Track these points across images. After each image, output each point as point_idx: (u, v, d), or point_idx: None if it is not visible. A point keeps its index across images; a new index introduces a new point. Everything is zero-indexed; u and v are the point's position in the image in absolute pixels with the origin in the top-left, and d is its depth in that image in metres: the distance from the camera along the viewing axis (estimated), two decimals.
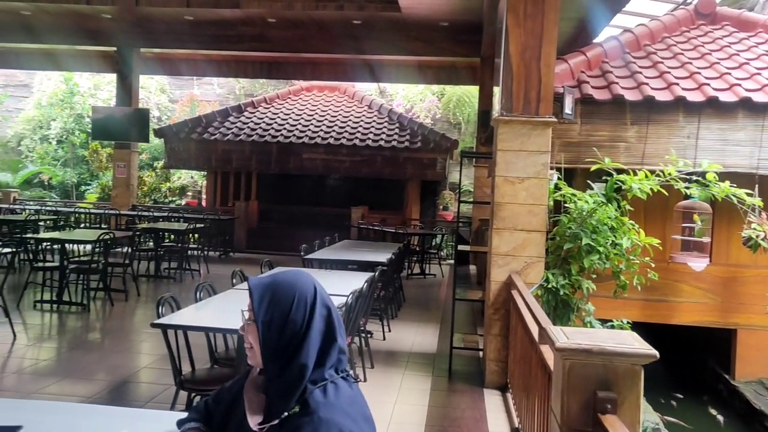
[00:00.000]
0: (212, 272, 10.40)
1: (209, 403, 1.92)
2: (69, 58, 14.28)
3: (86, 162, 17.74)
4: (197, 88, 18.93)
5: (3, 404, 2.16)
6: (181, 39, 12.61)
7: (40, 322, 6.96)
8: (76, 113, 17.94)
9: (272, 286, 1.69)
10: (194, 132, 13.94)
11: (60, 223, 11.70)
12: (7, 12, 11.95)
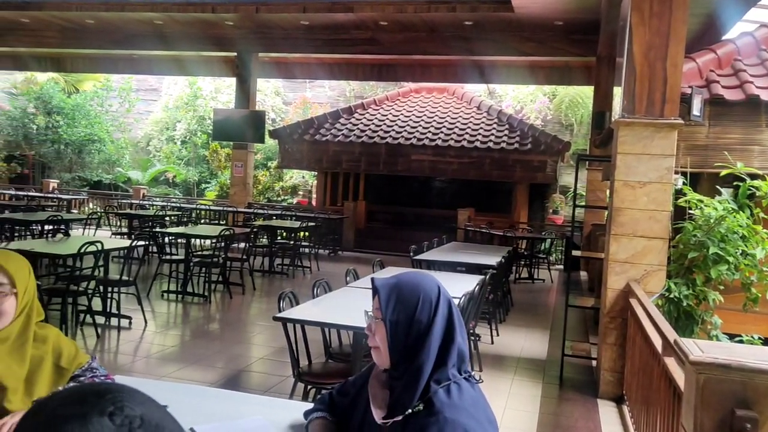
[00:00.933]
0: (322, 269, 10.71)
1: (334, 395, 2.00)
2: (194, 63, 15.21)
3: (206, 161, 18.82)
4: (309, 90, 19.57)
5: (148, 386, 2.34)
6: (296, 44, 13.09)
7: (166, 311, 7.46)
8: (199, 115, 19.09)
9: (398, 287, 1.73)
10: (306, 133, 14.41)
11: (183, 219, 12.48)
12: (143, 22, 12.89)
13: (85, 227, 11.36)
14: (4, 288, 1.86)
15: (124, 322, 6.42)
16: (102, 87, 19.36)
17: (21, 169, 18.41)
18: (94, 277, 6.20)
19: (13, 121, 17.69)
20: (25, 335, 1.93)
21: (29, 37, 14.27)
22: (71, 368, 2.05)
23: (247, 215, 13.11)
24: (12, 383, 1.89)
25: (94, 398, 0.70)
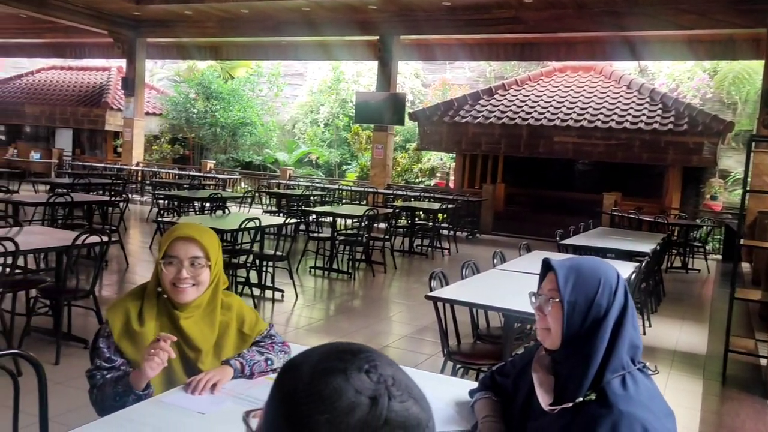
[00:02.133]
0: (460, 251, 10.71)
1: (495, 375, 1.99)
2: (338, 48, 15.68)
3: (348, 143, 19.40)
4: (449, 72, 19.48)
5: None
6: (437, 25, 13.07)
7: (313, 286, 7.82)
8: (341, 99, 19.68)
9: (576, 269, 1.68)
10: (446, 115, 14.39)
11: (326, 199, 12.99)
12: (292, 10, 13.47)
13: (240, 205, 12.16)
14: (201, 261, 2.03)
15: (277, 295, 6.81)
16: (253, 73, 20.51)
17: (183, 150, 20.05)
18: (251, 252, 6.63)
19: (176, 105, 19.24)
20: (214, 302, 2.11)
21: (192, 28, 15.42)
22: (253, 334, 2.20)
23: (387, 196, 13.37)
24: (205, 346, 2.07)
25: (350, 356, 0.74)
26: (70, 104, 18.50)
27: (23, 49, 19.96)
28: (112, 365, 1.99)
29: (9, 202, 7.33)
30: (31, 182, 12.31)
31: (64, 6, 14.34)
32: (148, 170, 16.28)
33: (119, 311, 2.04)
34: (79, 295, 4.68)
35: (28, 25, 17.14)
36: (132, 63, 16.48)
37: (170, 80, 22.27)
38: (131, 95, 16.59)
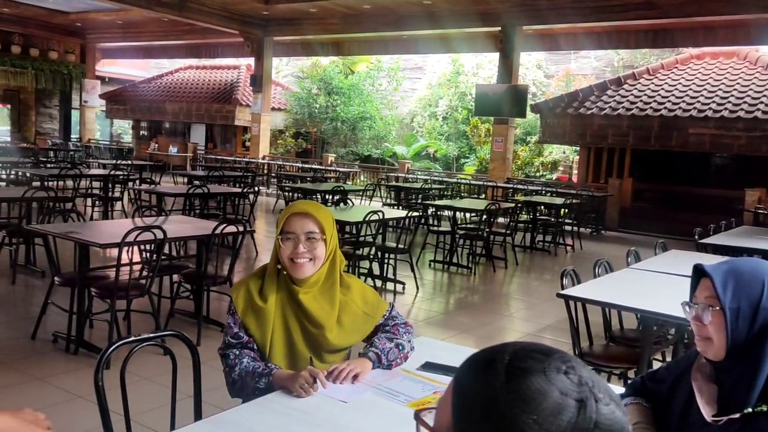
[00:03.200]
0: (585, 249, 10.32)
1: (646, 380, 1.89)
2: (458, 40, 15.56)
3: (466, 136, 19.24)
4: (574, 62, 18.80)
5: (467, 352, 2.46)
6: (562, 13, 12.62)
7: (432, 279, 7.84)
8: (460, 92, 19.55)
9: (734, 272, 1.56)
10: (570, 107, 13.87)
11: (445, 192, 12.95)
12: (413, 3, 13.52)
13: (361, 197, 12.41)
14: (315, 235, 2.07)
15: (399, 287, 6.89)
16: (373, 68, 20.84)
17: (305, 144, 20.77)
18: (374, 243, 6.74)
19: (300, 101, 19.95)
20: (332, 278, 2.14)
21: (316, 25, 15.90)
22: (375, 316, 2.23)
23: (507, 190, 13.13)
24: (327, 323, 2.11)
25: (543, 355, 0.72)
26: (204, 101, 19.70)
27: (165, 51, 21.50)
28: (240, 341, 2.10)
29: (154, 192, 7.92)
30: (171, 174, 13.22)
31: (201, 8, 15.25)
32: (273, 163, 17.01)
33: (242, 289, 2.13)
34: (218, 281, 4.96)
35: (169, 28, 18.42)
36: (260, 61, 17.25)
37: (294, 77, 23.11)
38: (259, 92, 17.38)
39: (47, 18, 18.74)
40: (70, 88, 21.55)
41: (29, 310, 5.40)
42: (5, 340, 4.59)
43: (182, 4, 14.94)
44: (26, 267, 6.36)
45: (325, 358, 2.16)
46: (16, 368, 4.01)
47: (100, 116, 22.92)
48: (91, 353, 4.28)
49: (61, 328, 4.48)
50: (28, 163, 11.71)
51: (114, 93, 22.27)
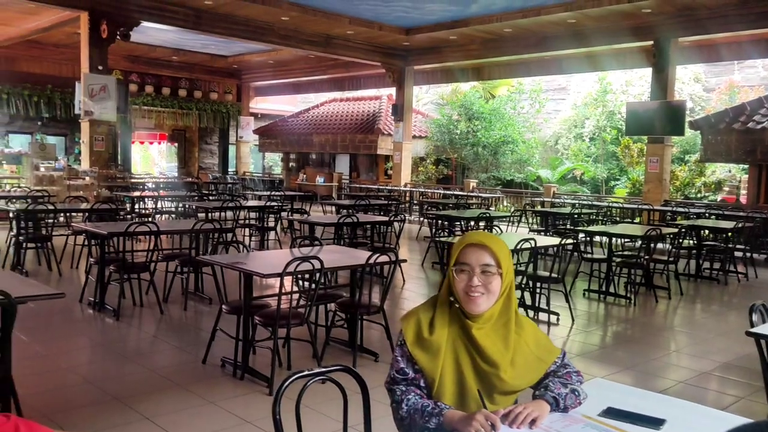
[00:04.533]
0: (761, 277, 9.32)
1: None
2: (605, 58, 14.91)
3: (616, 157, 18.30)
4: (737, 72, 17.31)
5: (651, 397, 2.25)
6: (724, 21, 11.67)
7: (587, 310, 7.40)
8: (608, 111, 18.69)
9: None
10: (736, 121, 12.71)
11: (594, 217, 12.34)
12: (556, 23, 13.17)
13: (508, 224, 12.15)
14: (491, 268, 1.97)
15: (552, 318, 6.58)
16: (515, 91, 20.54)
17: (446, 170, 20.81)
18: (525, 272, 6.51)
19: (440, 128, 20.08)
20: (507, 315, 2.03)
21: (456, 51, 15.97)
22: (547, 360, 2.09)
23: (664, 213, 12.24)
24: (502, 362, 1.99)
25: None
26: (348, 132, 20.43)
27: (311, 86, 22.65)
28: (405, 377, 2.03)
29: (306, 222, 8.23)
30: (320, 204, 13.75)
31: (345, 44, 15.91)
32: (415, 190, 17.18)
33: (412, 320, 2.07)
34: (372, 311, 5.00)
35: (315, 64, 19.40)
36: (401, 90, 17.61)
37: (434, 104, 23.34)
38: (400, 120, 17.71)
39: (210, 62, 20.47)
40: (227, 125, 23.31)
41: (199, 335, 5.77)
42: (181, 364, 4.92)
43: (328, 41, 15.67)
44: (195, 294, 6.83)
45: (495, 400, 2.05)
46: (191, 391, 4.27)
47: (254, 150, 24.54)
48: (256, 379, 4.45)
49: (228, 354, 4.72)
50: (194, 196, 12.73)
51: (266, 128, 23.78)
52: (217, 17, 13.71)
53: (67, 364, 4.91)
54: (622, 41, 13.34)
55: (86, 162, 13.04)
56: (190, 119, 21.91)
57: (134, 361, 4.96)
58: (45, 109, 18.39)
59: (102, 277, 6.21)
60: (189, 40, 17.09)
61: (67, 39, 15.83)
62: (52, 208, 8.40)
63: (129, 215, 10.45)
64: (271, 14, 13.57)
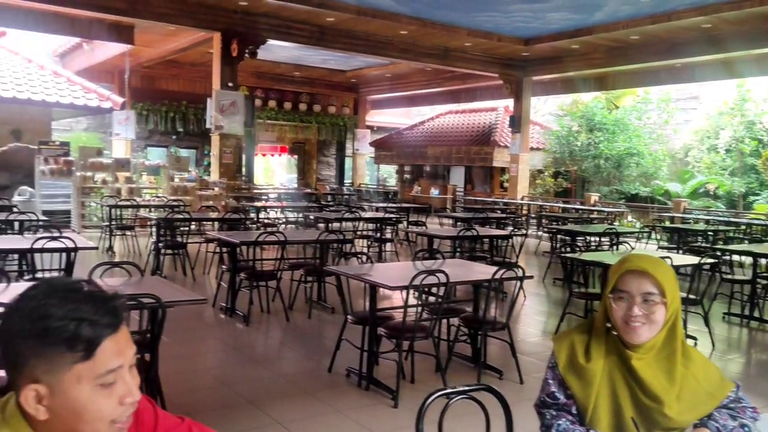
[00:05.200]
0: None
1: None
2: (744, 63, 13.88)
3: (755, 171, 16.93)
4: None
5: None
6: None
7: (727, 335, 6.85)
8: (747, 120, 17.34)
9: None
10: None
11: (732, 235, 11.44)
12: (688, 29, 12.42)
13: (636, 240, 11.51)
14: (654, 297, 1.82)
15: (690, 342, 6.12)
16: (641, 101, 19.57)
17: (565, 183, 20.14)
18: None
19: (560, 139, 19.49)
20: (672, 346, 1.86)
21: (578, 61, 15.46)
22: (718, 396, 1.90)
23: None
24: (666, 397, 1.84)
25: None
26: (464, 144, 20.32)
27: (427, 99, 22.77)
28: (556, 402, 1.94)
29: (425, 235, 8.22)
30: (436, 216, 13.73)
31: (463, 56, 15.85)
32: (532, 204, 16.75)
33: (565, 343, 1.97)
34: (497, 327, 4.88)
35: (432, 77, 19.49)
36: (519, 101, 17.28)
37: (553, 115, 22.73)
38: (517, 132, 17.37)
39: (329, 77, 21.13)
40: (344, 138, 23.91)
41: (323, 344, 5.89)
42: (307, 371, 5.04)
43: (446, 53, 15.68)
44: (318, 303, 6.99)
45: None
46: (318, 398, 4.35)
47: (369, 162, 24.99)
48: (381, 390, 4.46)
49: (353, 364, 4.77)
50: (314, 207, 13.12)
51: (381, 140, 24.17)
52: (339, 33, 14.11)
53: (203, 365, 5.16)
54: (765, 45, 12.34)
55: (215, 173, 13.81)
56: (309, 132, 22.68)
57: (264, 365, 5.14)
58: (179, 124, 19.74)
59: (233, 284, 6.51)
60: (310, 56, 17.72)
61: (200, 58, 16.89)
62: (188, 217, 8.93)
63: (254, 225, 10.93)
64: (391, 29, 13.79)
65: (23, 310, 1.07)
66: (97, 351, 1.07)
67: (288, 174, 27.79)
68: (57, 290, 1.09)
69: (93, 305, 1.09)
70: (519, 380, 4.80)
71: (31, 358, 1.05)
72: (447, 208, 19.46)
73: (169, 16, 12.27)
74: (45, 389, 1.06)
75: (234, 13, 12.83)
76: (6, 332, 1.07)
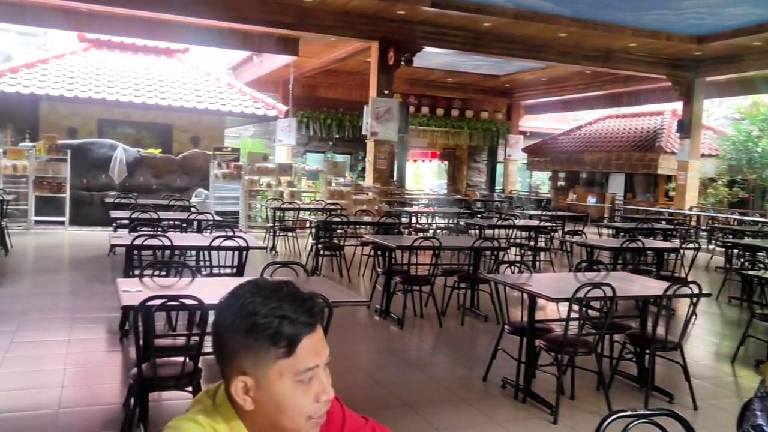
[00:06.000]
0: None
1: None
2: None
3: None
4: None
5: None
6: None
7: None
8: None
9: None
10: None
11: None
12: None
13: None
14: None
15: None
16: None
17: (742, 193, 18.34)
18: None
19: (736, 145, 17.83)
20: None
21: (760, 59, 14.04)
22: None
23: None
24: None
25: None
26: (624, 150, 19.22)
27: (584, 103, 21.84)
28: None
29: (585, 245, 7.86)
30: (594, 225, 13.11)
31: (627, 57, 15.02)
32: (703, 215, 15.44)
33: None
34: (668, 347, 4.53)
35: (590, 80, 18.66)
36: (689, 104, 16.02)
37: (729, 118, 20.84)
38: (686, 137, 16.11)
39: (482, 82, 20.97)
40: (496, 144, 23.60)
41: (475, 351, 5.82)
42: (460, 378, 5.00)
43: (608, 56, 14.96)
44: (471, 310, 6.92)
45: None
46: (474, 407, 4.29)
47: (521, 169, 24.45)
48: (538, 404, 4.31)
49: (508, 374, 4.65)
50: (464, 213, 13.05)
51: (535, 146, 23.55)
52: (495, 38, 13.96)
53: (359, 365, 5.30)
54: None
55: (369, 179, 14.22)
56: (460, 138, 22.65)
57: (418, 369, 5.17)
58: (336, 131, 20.59)
59: (388, 287, 6.63)
60: (463, 62, 17.70)
61: (358, 67, 17.50)
62: (345, 221, 9.26)
63: (406, 229, 11.08)
64: (549, 31, 13.39)
65: (233, 306, 1.13)
66: (298, 348, 1.11)
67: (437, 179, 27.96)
68: (261, 289, 1.15)
69: (292, 304, 1.13)
70: (693, 406, 4.43)
71: (240, 352, 1.12)
72: (605, 217, 18.50)
73: (332, 28, 12.86)
74: (252, 381, 1.11)
75: (391, 22, 13.15)
76: (218, 326, 1.15)
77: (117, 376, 4.65)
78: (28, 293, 7.02)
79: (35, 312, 6.18)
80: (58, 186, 12.38)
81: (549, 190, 24.08)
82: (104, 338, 5.55)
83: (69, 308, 6.47)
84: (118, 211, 8.80)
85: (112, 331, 5.60)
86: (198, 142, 16.33)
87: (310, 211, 11.49)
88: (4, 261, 8.88)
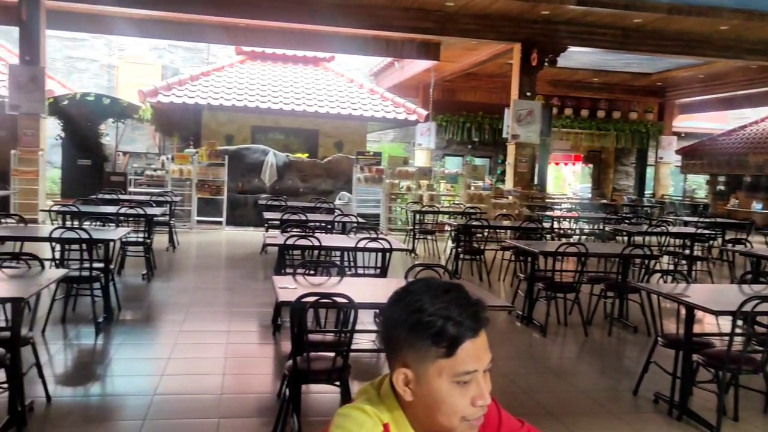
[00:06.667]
0: None
1: None
2: None
3: None
4: None
5: None
6: None
7: None
8: None
9: None
10: None
11: None
12: None
13: None
14: None
15: None
16: None
17: None
18: None
19: None
20: None
21: None
22: None
23: None
24: None
25: None
26: None
27: (749, 99, 19.96)
28: None
29: (751, 255, 7.22)
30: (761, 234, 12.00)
31: None
32: None
33: None
34: None
35: (755, 75, 17.05)
36: None
37: None
38: None
39: (630, 81, 19.88)
40: (646, 146, 22.26)
41: (622, 363, 5.56)
42: (607, 390, 4.79)
43: None
44: (619, 320, 6.60)
45: None
46: (623, 421, 4.10)
47: (674, 172, 22.88)
48: (696, 423, 4.03)
49: (661, 389, 4.40)
50: (611, 219, 12.43)
51: (690, 148, 21.93)
52: (645, 35, 13.21)
53: (500, 369, 5.24)
54: None
55: (510, 182, 13.99)
56: (607, 140, 21.64)
57: (561, 377, 5.03)
58: (475, 134, 20.48)
59: (531, 293, 6.50)
60: (610, 61, 16.89)
61: (498, 69, 17.30)
62: (486, 224, 9.20)
63: (548, 234, 10.77)
64: (708, 25, 12.45)
65: (403, 302, 1.19)
66: (458, 350, 1.15)
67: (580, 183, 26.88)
68: (431, 288, 1.19)
69: (459, 307, 1.17)
70: None
71: (404, 346, 1.17)
72: None
73: (473, 32, 12.85)
74: (412, 374, 1.17)
75: (534, 23, 12.88)
76: (388, 319, 1.21)
77: (270, 368, 4.97)
78: (193, 287, 7.69)
79: (199, 305, 6.75)
80: (216, 189, 13.42)
81: (706, 195, 22.32)
82: (258, 331, 5.93)
83: (227, 302, 7.01)
84: (270, 213, 9.36)
85: (264, 325, 5.97)
86: (342, 146, 16.96)
87: (449, 214, 11.54)
88: (173, 257, 9.78)
